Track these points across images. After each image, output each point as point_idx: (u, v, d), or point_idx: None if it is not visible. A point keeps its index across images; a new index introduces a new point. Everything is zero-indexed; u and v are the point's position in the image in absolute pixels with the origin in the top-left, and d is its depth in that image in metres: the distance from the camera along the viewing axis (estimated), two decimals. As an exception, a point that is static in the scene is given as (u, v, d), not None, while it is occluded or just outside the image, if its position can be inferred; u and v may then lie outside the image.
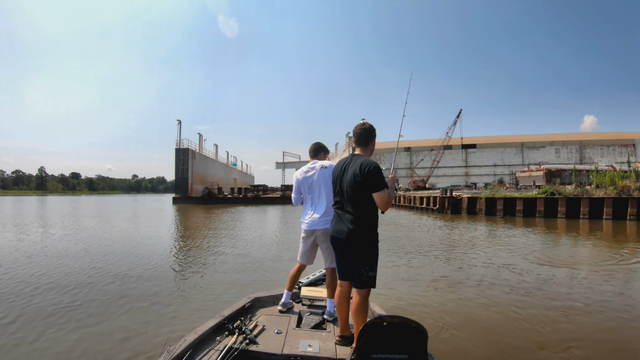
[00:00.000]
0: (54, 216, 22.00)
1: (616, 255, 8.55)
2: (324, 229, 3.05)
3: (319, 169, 3.16)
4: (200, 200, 43.33)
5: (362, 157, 2.56)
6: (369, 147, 2.66)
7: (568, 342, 3.66)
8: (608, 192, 18.23)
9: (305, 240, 3.24)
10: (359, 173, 2.46)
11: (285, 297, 3.27)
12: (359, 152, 2.64)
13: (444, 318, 4.31)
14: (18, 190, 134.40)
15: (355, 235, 2.47)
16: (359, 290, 2.48)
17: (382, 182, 2.42)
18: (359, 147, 2.65)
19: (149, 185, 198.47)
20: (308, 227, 3.16)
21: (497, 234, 12.68)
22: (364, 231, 2.48)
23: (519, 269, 6.93)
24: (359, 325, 2.38)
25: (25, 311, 4.44)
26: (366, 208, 2.48)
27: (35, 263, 7.32)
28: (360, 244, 2.47)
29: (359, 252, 2.47)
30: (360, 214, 2.49)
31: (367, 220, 2.49)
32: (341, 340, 2.64)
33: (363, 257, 2.46)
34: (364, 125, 2.64)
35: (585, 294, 5.34)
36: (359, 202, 2.49)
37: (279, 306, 3.24)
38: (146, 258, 7.92)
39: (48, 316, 4.29)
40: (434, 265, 7.43)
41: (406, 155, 69.64)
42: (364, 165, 2.46)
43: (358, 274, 2.46)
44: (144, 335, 3.71)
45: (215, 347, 2.44)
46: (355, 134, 2.66)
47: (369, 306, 2.58)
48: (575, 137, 67.97)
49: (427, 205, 24.78)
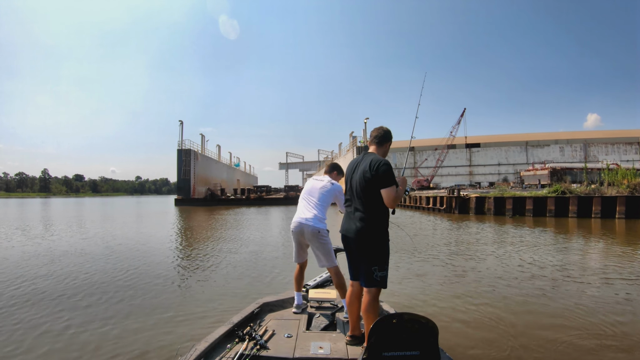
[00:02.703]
0: (56, 219, 21.83)
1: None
2: (311, 228, 3.09)
3: (327, 182, 3.31)
4: (203, 202, 42.88)
5: (373, 155, 2.55)
6: (383, 148, 2.67)
7: (575, 340, 3.61)
8: (620, 190, 17.83)
9: (294, 239, 3.28)
10: (368, 170, 2.45)
11: (297, 299, 3.28)
12: (372, 151, 2.65)
13: (454, 313, 4.34)
14: (22, 193, 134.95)
15: (363, 234, 2.44)
16: (368, 290, 2.45)
17: (391, 179, 2.40)
18: (373, 145, 2.67)
19: (153, 187, 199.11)
20: (294, 227, 3.22)
21: (508, 233, 12.36)
22: (373, 230, 2.44)
23: (532, 268, 6.76)
24: (369, 325, 2.32)
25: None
26: (375, 206, 2.44)
27: (42, 265, 7.07)
28: (369, 243, 2.43)
29: (367, 251, 2.44)
30: (370, 212, 2.45)
31: (376, 218, 2.45)
32: (352, 340, 2.60)
33: (372, 257, 2.43)
34: (383, 128, 2.70)
35: (603, 295, 5.13)
36: (368, 200, 2.45)
37: (293, 308, 3.25)
38: (149, 265, 7.67)
39: (46, 320, 4.21)
40: (444, 263, 7.32)
41: (410, 155, 69.29)
42: (374, 162, 2.45)
43: (367, 274, 2.44)
44: (152, 344, 3.61)
45: (226, 354, 2.42)
46: (373, 132, 2.71)
47: (379, 305, 2.54)
48: (580, 135, 67.47)
49: (433, 205, 24.45)
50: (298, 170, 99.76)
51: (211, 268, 7.24)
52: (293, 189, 54.16)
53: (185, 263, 8.03)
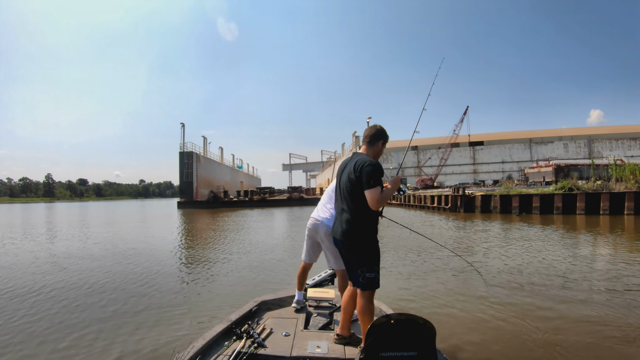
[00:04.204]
0: (63, 224, 21.85)
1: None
2: (325, 228, 3.01)
3: None
4: (206, 204, 42.63)
5: (360, 155, 2.50)
6: (374, 147, 2.57)
7: (573, 344, 3.54)
8: (629, 186, 17.56)
9: (308, 236, 3.23)
10: (352, 171, 2.41)
11: (298, 296, 3.28)
12: (362, 151, 2.59)
13: (452, 315, 4.32)
14: (26, 198, 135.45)
15: (349, 236, 2.42)
16: (361, 292, 2.43)
17: (375, 180, 2.31)
18: (364, 144, 2.59)
19: (157, 190, 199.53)
20: (310, 225, 3.18)
21: (515, 231, 12.17)
22: (358, 232, 2.40)
23: (538, 269, 6.60)
24: (365, 327, 2.33)
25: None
26: (361, 208, 2.39)
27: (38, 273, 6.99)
28: (355, 245, 2.41)
29: (354, 253, 2.42)
30: (355, 213, 2.41)
31: (362, 220, 2.40)
32: (338, 339, 2.60)
33: (359, 259, 2.40)
34: (376, 126, 2.61)
35: (604, 298, 4.92)
36: (354, 201, 2.41)
37: (294, 303, 3.25)
38: (149, 265, 7.62)
39: (48, 322, 4.23)
40: (445, 264, 7.23)
41: (413, 154, 69.04)
42: (359, 163, 2.40)
43: (355, 276, 2.43)
44: (150, 342, 3.64)
45: (224, 352, 2.43)
46: (365, 131, 2.64)
47: (374, 307, 2.50)
48: (584, 131, 66.98)
49: (438, 204, 24.24)
50: (302, 171, 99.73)
51: (209, 267, 7.21)
52: (296, 190, 53.90)
53: (184, 263, 8.00)
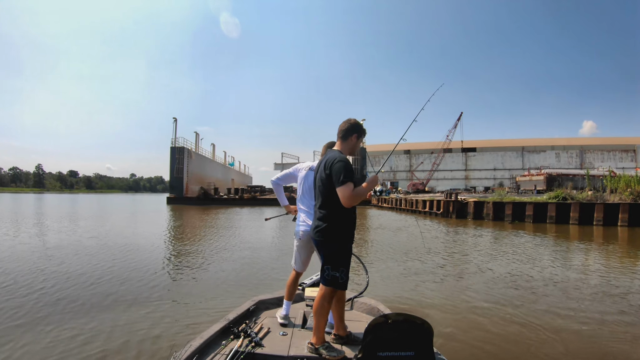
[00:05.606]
0: (54, 218, 20.99)
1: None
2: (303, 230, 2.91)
3: None
4: (196, 201, 41.79)
5: (333, 152, 2.49)
6: (348, 142, 2.53)
7: (571, 343, 3.63)
8: (623, 197, 17.35)
9: (301, 246, 2.98)
10: (323, 169, 2.42)
11: (285, 308, 2.96)
12: (337, 147, 2.56)
13: (450, 315, 4.38)
14: (15, 188, 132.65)
15: (319, 233, 2.42)
16: (322, 287, 2.41)
17: (346, 176, 2.27)
18: (338, 140, 2.57)
19: (147, 184, 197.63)
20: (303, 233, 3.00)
21: (508, 239, 11.86)
22: (329, 229, 2.38)
23: (531, 274, 6.69)
24: (317, 323, 2.38)
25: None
26: (333, 205, 2.37)
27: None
28: (324, 242, 2.41)
29: (322, 250, 2.43)
30: (327, 211, 2.40)
31: (333, 217, 2.38)
32: (335, 339, 2.59)
33: (326, 256, 2.41)
34: (349, 120, 2.56)
35: (596, 302, 5.05)
36: (326, 198, 2.40)
37: (280, 319, 2.92)
38: (142, 264, 7.34)
39: (44, 317, 4.20)
40: (442, 266, 7.25)
41: (406, 158, 69.04)
42: (329, 160, 2.40)
43: (322, 271, 2.44)
44: (148, 341, 3.60)
45: (221, 351, 2.42)
46: (339, 127, 2.57)
47: (329, 307, 2.45)
48: (576, 141, 67.66)
49: (430, 209, 23.87)
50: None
51: (207, 267, 7.14)
52: (287, 189, 53.22)
53: (179, 261, 7.88)
